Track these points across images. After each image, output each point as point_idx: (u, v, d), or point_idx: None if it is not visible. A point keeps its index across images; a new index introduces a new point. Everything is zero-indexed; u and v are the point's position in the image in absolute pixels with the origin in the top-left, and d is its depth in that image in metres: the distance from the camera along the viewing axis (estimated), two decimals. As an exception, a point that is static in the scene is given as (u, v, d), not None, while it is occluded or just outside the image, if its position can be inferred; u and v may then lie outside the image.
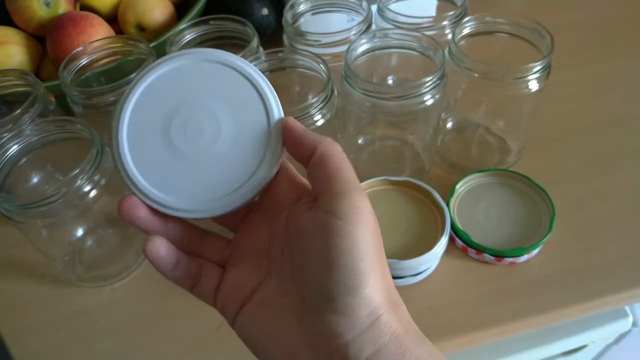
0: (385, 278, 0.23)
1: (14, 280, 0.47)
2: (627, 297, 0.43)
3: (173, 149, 0.25)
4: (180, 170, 0.25)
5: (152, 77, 0.25)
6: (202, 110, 0.25)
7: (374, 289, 0.22)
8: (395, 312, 0.22)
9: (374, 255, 0.22)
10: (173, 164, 0.25)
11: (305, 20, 0.54)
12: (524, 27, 0.46)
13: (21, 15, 0.55)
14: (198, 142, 0.25)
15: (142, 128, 0.25)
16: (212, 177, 0.25)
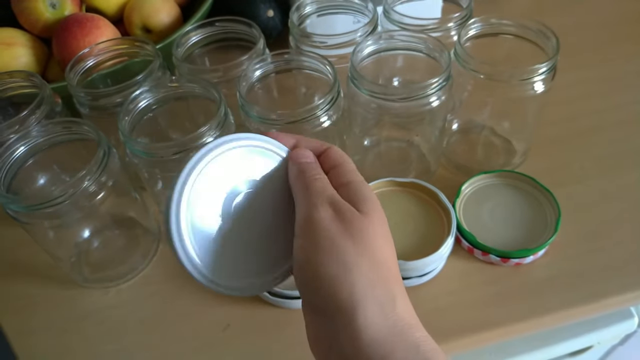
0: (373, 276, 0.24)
1: (20, 281, 0.47)
2: (633, 297, 0.43)
3: (228, 232, 0.26)
4: (237, 253, 0.27)
5: (204, 161, 0.26)
6: (254, 194, 0.27)
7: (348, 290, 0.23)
8: (380, 310, 0.23)
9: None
10: (229, 247, 0.26)
11: (311, 21, 0.54)
12: (530, 28, 0.46)
13: (27, 16, 0.56)
14: (249, 226, 0.27)
15: (199, 212, 0.26)
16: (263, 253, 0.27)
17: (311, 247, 0.24)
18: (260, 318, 0.43)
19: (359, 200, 0.25)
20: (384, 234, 0.25)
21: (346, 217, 0.24)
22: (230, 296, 0.45)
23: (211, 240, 0.26)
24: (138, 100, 0.43)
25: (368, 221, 0.25)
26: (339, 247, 0.23)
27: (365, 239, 0.24)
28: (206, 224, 0.26)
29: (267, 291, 0.27)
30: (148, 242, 0.49)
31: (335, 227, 0.24)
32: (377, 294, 0.23)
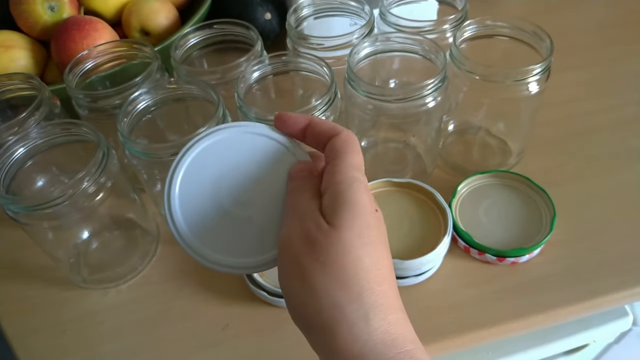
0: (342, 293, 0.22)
1: (20, 282, 0.48)
2: (627, 295, 0.43)
3: (219, 209, 0.27)
4: (225, 229, 0.27)
5: (201, 147, 0.28)
6: (244, 176, 0.27)
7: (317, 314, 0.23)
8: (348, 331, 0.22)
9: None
10: (220, 224, 0.27)
11: (308, 24, 0.55)
12: (524, 30, 0.47)
13: (25, 19, 0.56)
14: (241, 203, 0.27)
15: (193, 189, 0.27)
16: (251, 235, 0.27)
17: (282, 269, 0.24)
18: (259, 318, 0.43)
19: (336, 209, 0.24)
20: (362, 242, 0.23)
21: (311, 235, 0.23)
22: (228, 295, 0.45)
23: (200, 212, 0.27)
24: (137, 101, 0.43)
25: (337, 235, 0.23)
26: (305, 269, 0.23)
27: (333, 257, 0.22)
28: (199, 197, 0.27)
29: (251, 273, 0.27)
30: (147, 243, 0.49)
31: (299, 248, 0.23)
32: (346, 316, 0.22)
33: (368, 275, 0.23)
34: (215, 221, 0.27)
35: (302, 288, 0.23)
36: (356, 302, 0.22)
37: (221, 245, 0.27)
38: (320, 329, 0.22)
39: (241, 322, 0.43)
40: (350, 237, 0.23)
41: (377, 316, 0.22)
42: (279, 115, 0.28)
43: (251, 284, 0.44)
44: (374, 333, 0.22)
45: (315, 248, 0.23)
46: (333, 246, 0.23)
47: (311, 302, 0.22)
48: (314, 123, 0.27)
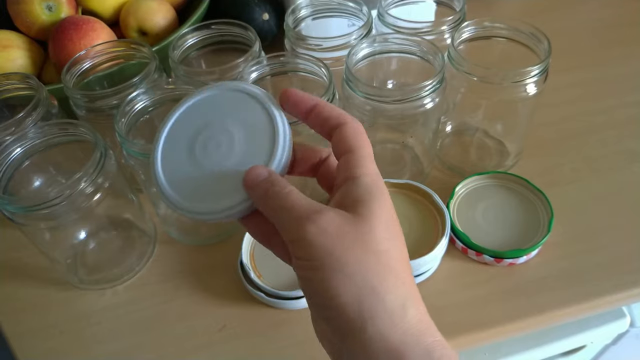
0: (379, 282, 0.22)
1: (16, 283, 0.47)
2: (624, 297, 0.43)
3: (194, 160, 0.27)
4: (199, 180, 0.27)
5: (187, 104, 0.29)
6: (221, 129, 0.28)
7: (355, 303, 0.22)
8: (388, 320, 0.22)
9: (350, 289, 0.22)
10: (194, 174, 0.27)
11: (306, 25, 0.55)
12: (522, 31, 0.47)
13: (23, 19, 0.56)
14: (215, 155, 0.27)
15: (174, 144, 0.28)
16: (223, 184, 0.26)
17: (308, 265, 0.23)
18: (256, 318, 0.43)
19: (359, 200, 0.24)
20: (389, 234, 0.24)
21: (340, 227, 0.23)
22: (225, 296, 0.45)
23: (177, 164, 0.28)
24: (134, 102, 0.43)
25: (367, 226, 0.23)
26: (339, 261, 0.22)
27: (366, 247, 0.23)
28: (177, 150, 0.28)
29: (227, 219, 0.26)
30: (144, 243, 0.49)
31: (330, 240, 0.22)
32: (386, 305, 0.22)
33: (398, 266, 0.23)
34: (188, 171, 0.27)
35: (340, 281, 0.22)
36: (393, 292, 0.22)
37: (191, 192, 0.27)
38: (357, 319, 0.22)
39: (238, 323, 0.43)
40: (380, 229, 0.23)
41: (412, 306, 0.23)
42: (286, 91, 0.27)
43: (248, 285, 0.44)
44: (411, 322, 0.22)
45: (348, 238, 0.22)
46: (365, 236, 0.23)
47: (348, 293, 0.22)
48: (321, 106, 0.26)
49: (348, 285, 0.22)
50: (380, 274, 0.22)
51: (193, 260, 0.48)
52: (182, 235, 0.50)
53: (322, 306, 0.23)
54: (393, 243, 0.24)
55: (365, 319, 0.22)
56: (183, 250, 0.49)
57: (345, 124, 0.26)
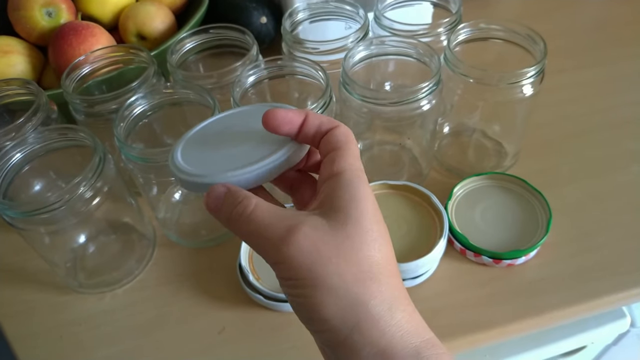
0: (362, 290, 0.22)
1: (16, 287, 0.48)
2: (624, 297, 0.43)
3: (212, 146, 0.28)
4: (214, 157, 0.28)
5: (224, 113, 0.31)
6: (239, 131, 0.29)
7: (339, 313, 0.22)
8: (374, 325, 0.22)
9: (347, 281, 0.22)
10: (210, 154, 0.28)
11: (303, 28, 0.55)
12: (518, 33, 0.47)
13: (23, 25, 0.56)
14: (231, 141, 0.28)
15: (196, 139, 0.30)
16: (236, 159, 0.27)
17: (293, 284, 0.23)
18: (255, 321, 0.43)
19: (341, 205, 0.23)
20: (371, 237, 0.23)
21: (315, 240, 0.22)
22: (224, 299, 0.45)
23: (194, 151, 0.29)
24: (133, 106, 0.43)
25: (344, 233, 0.22)
26: (320, 276, 0.22)
27: (346, 256, 0.22)
28: (199, 142, 0.29)
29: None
30: (143, 247, 0.49)
31: (307, 257, 0.22)
32: (370, 311, 0.22)
33: (381, 270, 0.23)
34: (200, 153, 0.28)
35: (322, 293, 0.22)
36: (377, 297, 0.22)
37: (198, 163, 0.27)
38: (343, 329, 0.22)
39: (237, 326, 0.43)
40: (360, 233, 0.23)
41: (398, 308, 0.23)
42: (271, 114, 0.25)
43: (247, 288, 0.44)
44: (398, 325, 0.22)
45: (325, 251, 0.22)
46: (344, 245, 0.22)
47: (332, 306, 0.22)
48: (311, 115, 0.26)
49: (331, 298, 0.22)
50: (362, 281, 0.22)
51: (192, 264, 0.48)
52: (181, 239, 0.50)
53: (308, 320, 0.23)
54: (374, 246, 0.23)
55: (350, 328, 0.22)
56: (182, 254, 0.49)
57: (337, 126, 0.26)
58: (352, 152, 0.25)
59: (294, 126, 0.26)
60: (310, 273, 0.22)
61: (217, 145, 0.28)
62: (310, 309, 0.22)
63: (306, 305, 0.23)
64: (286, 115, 0.25)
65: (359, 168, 0.25)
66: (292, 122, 0.26)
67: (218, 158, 0.27)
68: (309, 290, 0.22)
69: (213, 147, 0.28)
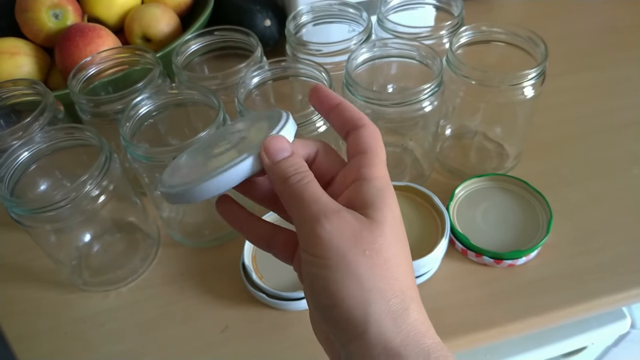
0: (387, 286, 0.23)
1: (21, 285, 0.48)
2: (624, 298, 0.44)
3: (198, 156, 0.29)
4: (196, 166, 0.28)
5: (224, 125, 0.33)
6: (235, 133, 0.30)
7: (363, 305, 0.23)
8: (392, 322, 0.23)
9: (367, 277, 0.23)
10: (193, 164, 0.29)
11: (307, 30, 0.55)
12: (519, 36, 0.48)
13: (30, 26, 0.57)
14: (216, 148, 0.29)
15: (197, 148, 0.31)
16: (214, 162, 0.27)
17: (320, 263, 0.23)
18: (258, 320, 0.44)
19: (372, 203, 0.24)
20: (398, 239, 0.24)
21: (355, 230, 0.23)
22: (227, 298, 0.45)
23: (188, 161, 0.30)
24: (139, 106, 0.44)
25: (380, 231, 0.23)
26: (351, 264, 0.22)
27: (378, 251, 0.23)
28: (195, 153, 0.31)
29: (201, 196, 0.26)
30: (148, 246, 0.49)
31: (345, 242, 0.23)
32: (390, 308, 0.23)
33: (404, 270, 0.24)
34: (191, 162, 0.29)
35: (350, 282, 0.22)
36: (398, 296, 0.23)
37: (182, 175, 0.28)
38: (361, 322, 0.22)
39: (240, 324, 0.44)
40: (391, 234, 0.24)
41: (414, 309, 0.23)
42: (316, 87, 0.28)
43: (250, 286, 0.44)
44: (414, 324, 0.23)
45: (362, 241, 0.23)
46: (377, 240, 0.23)
47: (356, 295, 0.22)
48: (344, 106, 0.27)
49: (357, 288, 0.22)
50: (387, 278, 0.23)
51: (196, 263, 0.48)
52: (185, 238, 0.50)
53: (328, 306, 0.23)
54: (400, 248, 0.24)
55: (370, 322, 0.22)
56: (186, 253, 0.49)
57: (364, 126, 0.26)
58: (382, 159, 0.26)
59: (327, 103, 0.27)
60: (344, 258, 0.23)
61: (199, 158, 0.29)
62: (335, 294, 0.23)
63: (331, 290, 0.23)
64: (325, 89, 0.28)
65: (387, 176, 0.26)
66: (328, 98, 0.27)
67: (197, 168, 0.27)
68: (338, 274, 0.22)
69: (195, 160, 0.29)
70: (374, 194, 0.24)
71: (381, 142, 0.26)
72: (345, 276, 0.22)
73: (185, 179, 0.26)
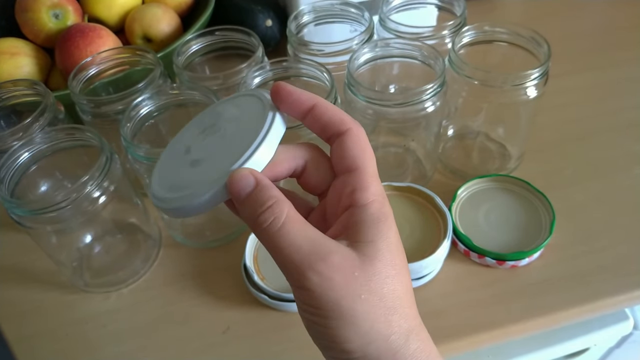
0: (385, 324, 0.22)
1: (22, 286, 0.48)
2: (627, 299, 0.43)
3: (187, 157, 0.27)
4: (191, 172, 0.26)
5: (201, 113, 0.30)
6: (218, 129, 0.27)
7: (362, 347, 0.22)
8: (393, 358, 0.22)
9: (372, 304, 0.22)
10: (182, 170, 0.26)
11: (308, 30, 0.55)
12: (522, 36, 0.47)
13: (30, 27, 0.57)
14: (204, 151, 0.26)
15: (177, 145, 0.29)
16: (210, 168, 0.25)
17: (315, 312, 0.22)
18: (259, 321, 0.44)
19: (365, 235, 0.23)
20: (395, 271, 0.23)
21: (346, 274, 0.22)
22: (228, 299, 0.45)
23: (173, 165, 0.27)
24: (139, 107, 0.44)
25: (373, 269, 0.22)
26: (347, 311, 0.21)
27: (373, 291, 0.22)
28: (179, 151, 0.28)
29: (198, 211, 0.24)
30: (149, 247, 0.49)
31: (337, 292, 0.21)
32: (390, 345, 0.22)
33: (403, 302, 0.23)
34: (179, 168, 0.26)
35: (344, 329, 0.22)
36: (397, 332, 0.22)
37: (172, 186, 0.25)
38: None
39: (242, 325, 0.43)
40: (386, 269, 0.22)
41: (414, 339, 0.23)
42: (279, 87, 0.24)
43: (252, 288, 0.44)
44: (413, 355, 0.22)
45: (355, 285, 0.22)
46: (372, 280, 0.22)
47: (354, 339, 0.22)
48: (320, 108, 0.24)
49: (355, 333, 0.22)
50: (386, 316, 0.22)
51: (197, 264, 0.48)
52: (187, 239, 0.50)
53: (326, 348, 0.23)
54: (398, 279, 0.23)
55: (370, 358, 0.22)
56: (187, 254, 0.49)
57: (347, 131, 0.24)
58: (372, 173, 0.24)
59: (297, 108, 0.24)
60: (338, 307, 0.21)
61: (190, 152, 0.27)
62: (332, 339, 0.22)
63: (327, 335, 0.22)
64: (293, 92, 0.24)
65: (381, 193, 0.24)
66: (298, 103, 0.24)
67: (189, 175, 0.25)
68: (333, 322, 0.22)
69: (186, 156, 0.27)
70: (367, 225, 0.23)
71: (369, 147, 0.24)
72: (342, 323, 0.22)
73: (177, 192, 0.25)
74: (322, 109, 0.24)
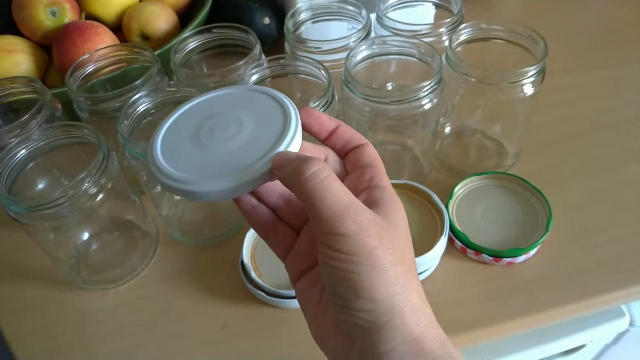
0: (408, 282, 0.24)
1: (20, 284, 0.48)
2: (623, 296, 0.44)
3: (198, 143, 0.27)
4: (201, 158, 0.27)
5: (199, 100, 0.30)
6: (230, 117, 0.28)
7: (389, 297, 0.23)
8: (413, 315, 0.24)
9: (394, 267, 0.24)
10: (196, 155, 0.27)
11: (306, 28, 0.55)
12: (519, 33, 0.47)
13: (28, 24, 0.57)
14: (220, 137, 0.27)
15: (178, 130, 0.29)
16: (226, 160, 0.26)
17: (346, 259, 0.23)
18: (257, 318, 0.44)
19: (387, 208, 0.25)
20: (409, 244, 0.26)
21: (379, 229, 0.24)
22: (226, 296, 0.45)
23: (181, 148, 0.27)
24: (137, 104, 0.44)
25: (396, 233, 0.25)
26: (379, 259, 0.23)
27: (398, 251, 0.24)
28: (182, 135, 0.28)
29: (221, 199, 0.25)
30: (146, 244, 0.49)
31: (372, 239, 0.23)
32: (413, 301, 0.24)
33: (416, 273, 0.26)
34: (190, 152, 0.27)
35: (375, 276, 0.23)
36: (418, 291, 0.25)
37: (190, 170, 0.26)
38: (387, 313, 0.23)
39: (240, 322, 0.44)
40: (404, 239, 0.25)
41: (428, 305, 0.25)
42: (309, 112, 0.28)
43: (249, 285, 0.44)
44: (430, 317, 0.25)
45: (385, 241, 0.24)
46: (396, 242, 0.24)
47: (382, 287, 0.23)
48: (343, 127, 0.28)
49: (384, 280, 0.23)
50: (409, 274, 0.24)
51: (195, 261, 0.48)
52: (184, 236, 0.50)
53: (353, 298, 0.24)
54: (411, 254, 0.26)
55: (394, 313, 0.23)
56: (185, 251, 0.49)
57: (366, 144, 0.28)
58: (385, 173, 0.27)
59: (323, 130, 0.28)
60: (372, 254, 0.23)
61: (200, 139, 0.27)
62: (362, 287, 0.23)
63: (358, 283, 0.23)
64: (320, 117, 0.28)
65: (393, 188, 0.27)
66: (324, 126, 0.28)
67: (203, 158, 0.26)
68: (364, 268, 0.23)
69: (196, 141, 0.27)
70: (388, 200, 0.26)
71: (380, 160, 0.28)
72: (373, 270, 0.23)
73: (194, 173, 0.25)
74: (345, 128, 0.28)
